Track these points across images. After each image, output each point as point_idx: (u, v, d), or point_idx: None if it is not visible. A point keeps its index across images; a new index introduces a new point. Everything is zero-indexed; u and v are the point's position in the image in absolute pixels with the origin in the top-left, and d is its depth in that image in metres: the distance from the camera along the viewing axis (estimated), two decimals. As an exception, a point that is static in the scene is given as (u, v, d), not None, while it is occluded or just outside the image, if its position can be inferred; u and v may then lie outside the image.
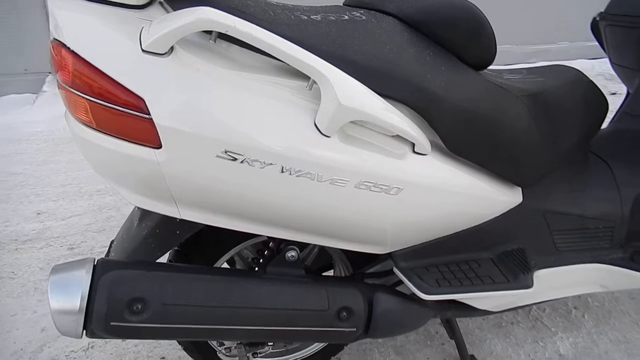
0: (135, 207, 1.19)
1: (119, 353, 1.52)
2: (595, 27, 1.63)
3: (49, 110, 3.64)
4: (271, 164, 0.87)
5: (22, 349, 1.54)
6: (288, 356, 1.34)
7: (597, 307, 1.69)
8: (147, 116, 0.83)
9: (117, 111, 0.83)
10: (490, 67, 1.10)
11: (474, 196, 1.07)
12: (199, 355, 1.27)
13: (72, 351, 1.53)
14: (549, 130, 1.12)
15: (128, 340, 1.56)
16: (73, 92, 0.85)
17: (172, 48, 0.83)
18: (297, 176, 0.89)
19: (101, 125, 0.85)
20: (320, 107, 0.87)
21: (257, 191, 0.90)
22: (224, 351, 1.21)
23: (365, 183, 0.93)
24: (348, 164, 0.91)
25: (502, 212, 1.13)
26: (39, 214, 2.34)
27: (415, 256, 1.10)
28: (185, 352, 1.41)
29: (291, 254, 1.04)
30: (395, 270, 1.11)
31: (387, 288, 1.10)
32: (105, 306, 0.86)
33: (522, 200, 1.15)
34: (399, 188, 0.96)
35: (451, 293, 1.06)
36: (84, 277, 0.87)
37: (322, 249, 1.24)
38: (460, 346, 1.44)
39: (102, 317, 0.86)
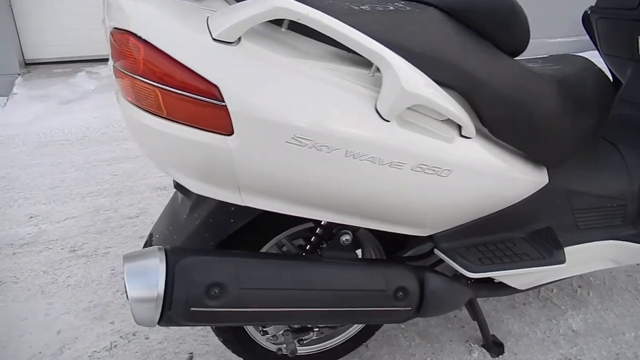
0: (178, 199, 1.18)
1: (144, 351, 1.50)
2: (586, 21, 1.74)
3: (23, 113, 3.51)
4: (337, 148, 0.90)
5: (40, 352, 1.50)
6: (324, 343, 1.37)
7: (599, 285, 1.79)
8: (221, 103, 0.83)
9: (190, 99, 0.83)
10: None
11: (509, 178, 1.13)
12: (238, 346, 1.28)
13: (95, 351, 1.50)
14: (573, 114, 1.20)
15: (151, 337, 1.54)
16: (142, 81, 0.85)
17: (239, 38, 0.85)
18: (360, 160, 0.92)
19: (172, 113, 0.85)
20: (382, 93, 0.90)
21: (321, 175, 0.92)
22: (271, 339, 1.22)
23: (420, 165, 0.97)
24: (405, 147, 0.95)
25: (531, 193, 1.20)
26: (31, 217, 2.26)
27: (455, 237, 1.15)
28: (211, 347, 1.42)
29: (345, 237, 1.07)
30: (437, 251, 1.15)
31: (433, 269, 1.14)
32: (185, 292, 0.86)
33: (548, 181, 1.22)
34: (449, 170, 1.01)
35: (494, 270, 1.12)
36: (159, 265, 0.87)
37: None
38: (483, 327, 1.50)
39: (182, 303, 0.86)
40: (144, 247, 1.24)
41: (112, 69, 1.00)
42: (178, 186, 1.11)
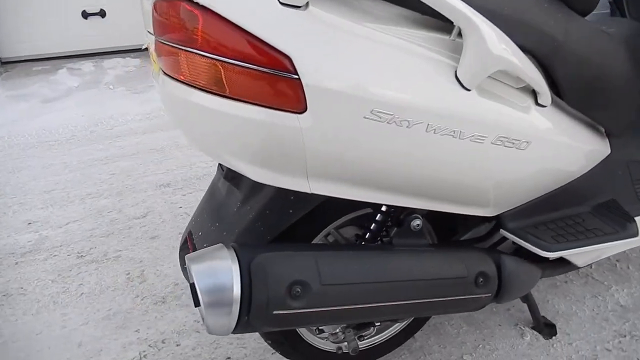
0: (221, 192, 1.07)
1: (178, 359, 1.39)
2: None
3: (4, 114, 3.31)
4: (418, 122, 0.81)
5: (63, 369, 1.37)
6: (376, 337, 1.28)
7: (635, 257, 1.75)
8: (293, 76, 0.73)
9: (258, 72, 0.73)
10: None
11: (577, 148, 1.06)
12: (288, 348, 1.18)
13: (124, 364, 1.38)
14: (637, 77, 1.13)
15: (183, 344, 1.44)
16: (199, 54, 0.74)
17: (307, 2, 0.74)
18: (440, 135, 0.83)
19: (235, 90, 0.74)
20: (464, 59, 0.82)
21: (398, 154, 0.83)
22: (330, 337, 1.13)
23: (500, 138, 0.89)
24: (486, 118, 0.87)
25: (595, 164, 1.13)
26: (29, 223, 2.11)
27: (522, 216, 1.08)
28: (248, 350, 1.32)
29: (416, 222, 0.98)
30: (504, 232, 1.08)
31: (505, 252, 1.07)
32: (266, 294, 0.76)
33: (610, 151, 1.15)
34: (527, 142, 0.93)
35: (570, 248, 1.05)
36: (232, 266, 0.76)
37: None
38: (533, 308, 1.44)
39: (262, 306, 0.76)
40: (182, 248, 1.14)
41: (153, 46, 0.88)
42: (229, 177, 1.00)
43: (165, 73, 0.84)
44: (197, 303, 0.78)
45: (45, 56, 3.93)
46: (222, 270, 0.76)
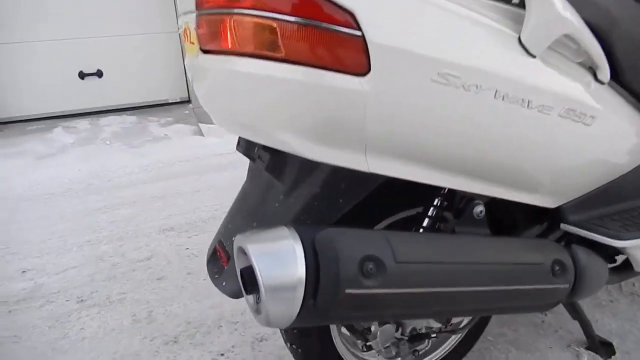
0: (259, 188, 0.98)
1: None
2: None
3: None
4: (487, 88, 0.75)
5: (64, 419, 1.19)
6: (430, 356, 1.15)
7: (678, 275, 1.66)
8: (357, 33, 0.67)
9: (319, 30, 0.67)
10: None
11: (633, 134, 1.01)
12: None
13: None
14: None
15: (202, 385, 1.27)
16: (251, 16, 0.68)
17: None
18: (509, 103, 0.77)
19: (292, 52, 0.68)
20: (529, 21, 0.77)
21: (466, 122, 0.77)
22: (383, 352, 0.99)
23: (567, 111, 0.84)
24: (553, 88, 0.82)
25: None
26: (24, 272, 1.95)
27: (584, 207, 1.00)
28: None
29: (479, 209, 0.89)
30: (566, 227, 0.99)
31: (576, 243, 0.97)
32: (335, 270, 0.65)
33: None
34: (592, 117, 0.88)
35: None
36: (294, 244, 0.66)
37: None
38: (587, 327, 1.32)
39: (332, 285, 0.65)
40: (210, 259, 1.03)
41: (193, 25, 0.82)
42: (270, 167, 0.90)
43: (204, 51, 0.78)
44: (249, 289, 0.66)
45: (40, 116, 3.89)
46: (283, 248, 0.65)
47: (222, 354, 1.40)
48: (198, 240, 2.13)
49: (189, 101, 4.25)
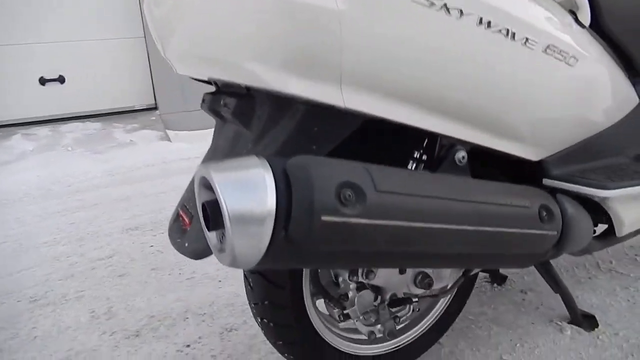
0: (227, 141, 0.90)
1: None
2: None
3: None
4: (469, 12, 0.71)
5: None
6: (408, 333, 1.08)
7: (653, 251, 1.65)
8: None
9: None
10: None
11: (612, 86, 0.99)
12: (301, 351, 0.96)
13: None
14: None
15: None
16: None
17: None
18: (492, 31, 0.74)
19: None
20: None
21: (447, 50, 0.72)
22: (362, 319, 0.92)
23: (551, 47, 0.81)
24: (537, 22, 0.80)
25: (626, 112, 1.06)
26: (-28, 274, 1.81)
27: (565, 162, 0.96)
28: None
29: (461, 155, 0.84)
30: (549, 181, 0.95)
31: (563, 191, 0.93)
32: (310, 195, 0.57)
33: (639, 100, 1.09)
34: (575, 58, 0.85)
35: (629, 186, 0.94)
36: (263, 172, 0.58)
37: None
38: (568, 300, 1.28)
39: (306, 210, 0.57)
40: (173, 224, 0.95)
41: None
42: (237, 112, 0.82)
43: None
44: (212, 225, 0.59)
45: (-3, 124, 3.72)
46: (251, 176, 0.58)
47: (188, 345, 1.30)
48: (164, 238, 2.02)
49: (156, 108, 4.14)
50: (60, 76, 3.83)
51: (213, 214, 0.58)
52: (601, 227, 1.05)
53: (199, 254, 0.80)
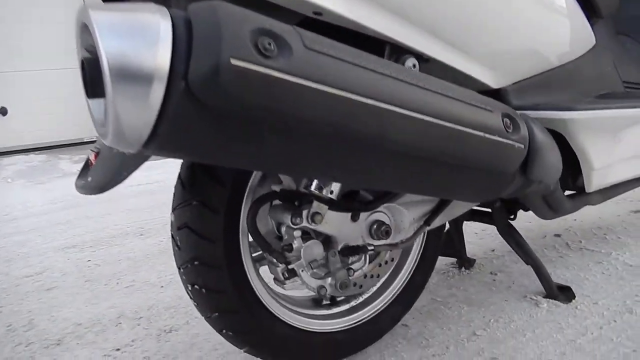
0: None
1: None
2: None
3: None
4: None
5: None
6: (365, 309, 0.95)
7: (623, 229, 1.58)
8: None
9: None
10: None
11: (571, 25, 0.96)
12: (242, 320, 0.81)
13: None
14: None
15: None
16: None
17: None
18: None
19: None
20: None
21: None
22: (310, 272, 0.78)
23: None
24: None
25: (583, 52, 1.01)
26: None
27: (524, 93, 0.89)
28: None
29: (411, 62, 0.73)
30: None
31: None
32: (217, 37, 0.45)
33: (596, 41, 1.05)
34: None
35: (598, 109, 0.88)
36: (158, 14, 0.46)
37: None
38: (542, 273, 1.18)
39: (211, 50, 0.44)
40: (79, 174, 0.81)
41: None
42: None
43: None
44: (91, 87, 0.46)
45: None
46: (142, 18, 0.45)
47: (118, 349, 1.11)
48: (104, 253, 1.83)
49: (106, 140, 3.97)
50: (3, 108, 3.64)
51: (91, 72, 0.45)
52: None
53: (103, 186, 0.67)
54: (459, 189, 0.74)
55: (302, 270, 0.79)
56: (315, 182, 0.76)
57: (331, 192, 0.76)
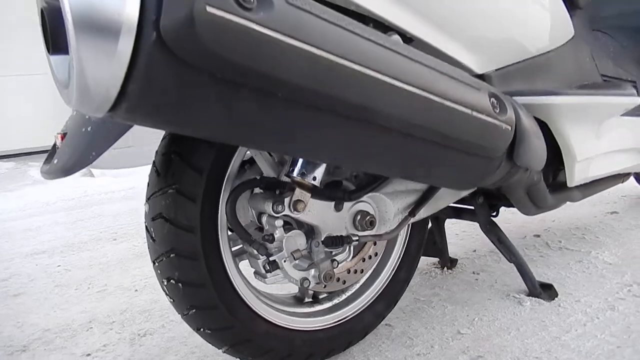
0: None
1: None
2: None
3: None
4: None
5: None
6: (349, 306, 0.92)
7: (601, 230, 1.59)
8: None
9: None
10: None
11: (551, 15, 0.96)
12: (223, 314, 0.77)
13: None
14: None
15: None
16: None
17: None
18: None
19: None
20: None
21: None
22: (292, 264, 0.74)
23: None
24: None
25: (563, 42, 1.02)
26: None
27: (507, 79, 0.89)
28: None
29: (395, 38, 0.71)
30: None
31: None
32: None
33: (574, 34, 1.06)
34: None
35: (575, 95, 0.87)
36: None
37: None
38: (524, 268, 1.17)
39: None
40: (46, 158, 0.77)
41: None
42: None
43: None
44: (53, 42, 0.43)
45: None
46: None
47: (89, 354, 1.05)
48: (75, 258, 1.76)
49: (79, 147, 3.86)
50: (-30, 113, 3.51)
51: (52, 23, 0.42)
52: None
53: (70, 167, 0.63)
54: (446, 172, 0.72)
55: (285, 261, 0.75)
56: (297, 169, 0.73)
57: (314, 179, 0.73)
